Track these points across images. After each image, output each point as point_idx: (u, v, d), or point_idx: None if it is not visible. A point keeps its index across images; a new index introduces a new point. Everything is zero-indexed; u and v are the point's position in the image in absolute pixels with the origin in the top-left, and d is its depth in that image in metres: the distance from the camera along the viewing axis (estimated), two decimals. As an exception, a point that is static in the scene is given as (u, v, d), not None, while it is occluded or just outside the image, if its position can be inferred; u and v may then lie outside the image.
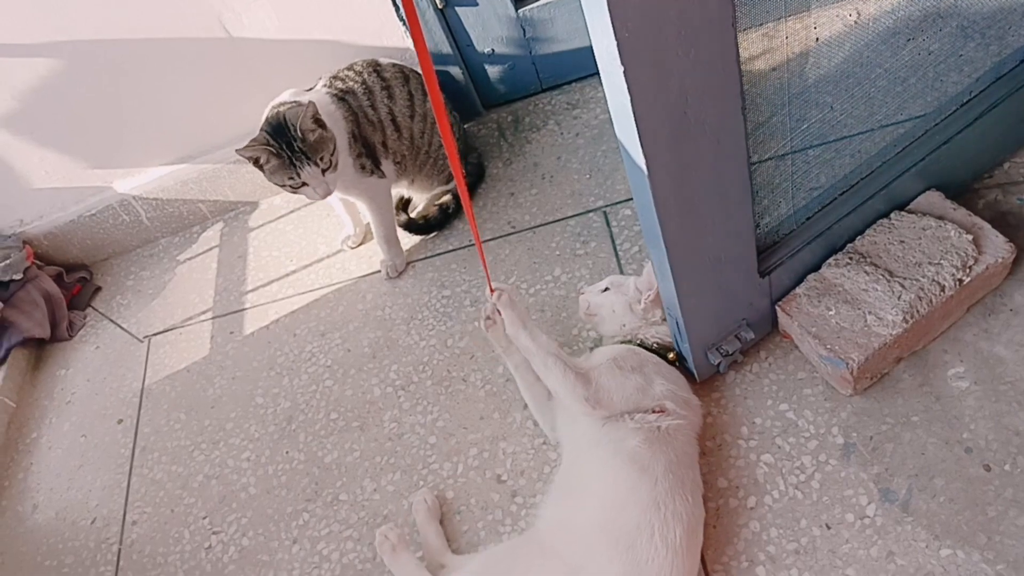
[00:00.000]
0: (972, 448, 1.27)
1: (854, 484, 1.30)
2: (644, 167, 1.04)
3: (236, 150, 1.64)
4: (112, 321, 2.24)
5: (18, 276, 2.21)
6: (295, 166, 1.66)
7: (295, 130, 1.62)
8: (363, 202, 1.89)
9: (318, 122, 1.66)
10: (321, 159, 1.67)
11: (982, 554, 1.18)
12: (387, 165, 1.87)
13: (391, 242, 1.94)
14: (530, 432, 1.57)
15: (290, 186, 1.70)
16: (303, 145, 1.64)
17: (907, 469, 1.29)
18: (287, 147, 1.64)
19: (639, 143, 1.00)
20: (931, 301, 1.30)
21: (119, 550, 1.75)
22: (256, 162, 1.67)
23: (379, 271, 1.99)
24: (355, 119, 1.78)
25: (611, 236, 1.80)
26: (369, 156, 1.82)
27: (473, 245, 1.94)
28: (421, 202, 2.07)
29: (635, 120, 0.97)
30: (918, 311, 1.30)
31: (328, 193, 1.72)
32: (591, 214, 1.87)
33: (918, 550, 1.21)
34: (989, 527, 1.20)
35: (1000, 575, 1.16)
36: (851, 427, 1.35)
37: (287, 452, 1.75)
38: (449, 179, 2.00)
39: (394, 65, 1.86)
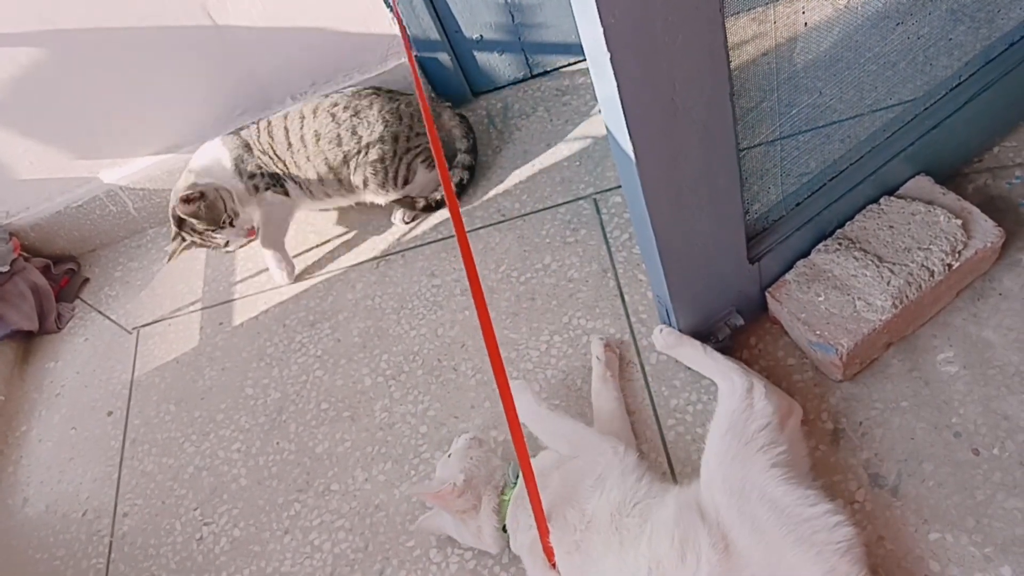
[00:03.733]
0: (961, 432, 1.28)
1: (843, 469, 1.30)
2: (632, 154, 1.03)
3: (168, 258, 1.93)
4: (101, 313, 2.23)
5: (5, 268, 2.19)
6: (213, 239, 1.91)
7: (190, 221, 1.86)
8: (258, 214, 1.98)
9: (192, 198, 1.83)
10: (224, 220, 1.87)
11: (970, 537, 1.19)
12: (291, 187, 1.96)
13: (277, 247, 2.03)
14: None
15: (225, 248, 1.96)
16: (204, 224, 1.86)
17: (896, 454, 1.29)
18: (195, 232, 1.89)
19: (627, 130, 1.00)
20: (920, 286, 1.30)
21: (110, 542, 1.74)
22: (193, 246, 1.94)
23: (370, 260, 1.98)
24: (245, 145, 1.93)
25: (601, 223, 1.79)
26: (265, 176, 1.93)
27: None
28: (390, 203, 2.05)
29: (622, 107, 0.97)
30: (907, 296, 1.30)
31: (251, 231, 1.95)
32: (581, 201, 1.86)
33: (907, 534, 1.22)
34: (978, 510, 1.21)
35: (988, 557, 1.17)
36: (840, 413, 1.36)
37: (278, 443, 1.74)
38: (403, 184, 1.98)
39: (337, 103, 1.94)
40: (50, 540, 1.80)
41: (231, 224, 1.88)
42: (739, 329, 1.44)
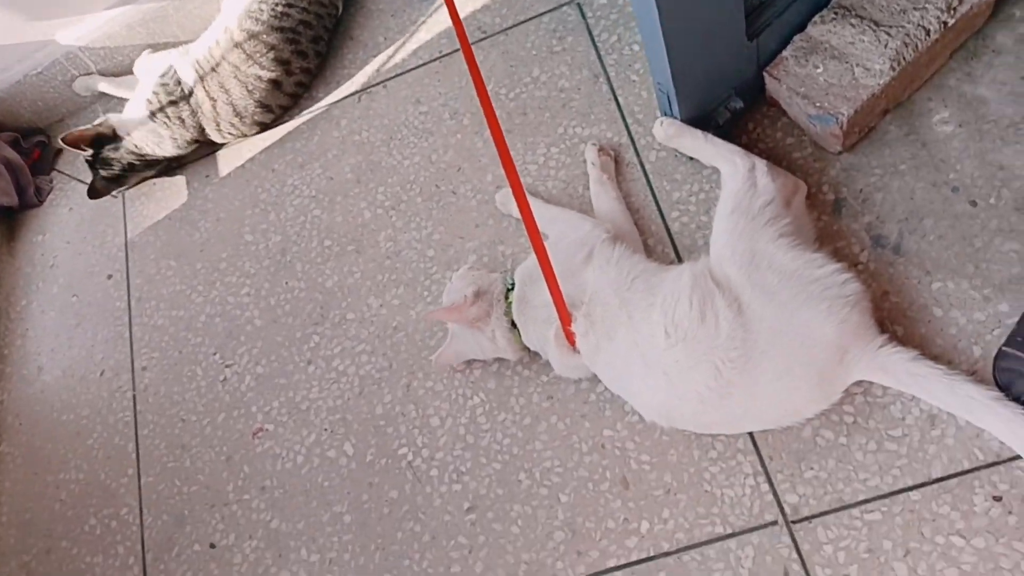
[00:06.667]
0: (959, 187, 1.32)
1: (846, 236, 1.35)
2: (632, -87, 1.00)
3: None
4: (80, 181, 2.17)
5: (-29, 145, 2.12)
6: None
7: None
8: None
9: None
10: None
11: (970, 282, 1.25)
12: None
13: None
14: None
15: None
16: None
17: (897, 214, 1.33)
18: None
19: None
20: (917, 47, 1.30)
21: (134, 396, 1.78)
22: None
23: (351, 95, 1.92)
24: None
25: (588, 28, 1.74)
26: None
27: (445, 56, 1.87)
28: None
29: None
30: (904, 58, 1.30)
31: None
32: (564, 8, 1.79)
33: (911, 287, 1.28)
34: (976, 257, 1.27)
35: (987, 298, 1.24)
36: (841, 183, 1.39)
37: (286, 283, 1.76)
38: None
39: None
40: (73, 401, 1.84)
41: None
42: (738, 112, 1.44)
